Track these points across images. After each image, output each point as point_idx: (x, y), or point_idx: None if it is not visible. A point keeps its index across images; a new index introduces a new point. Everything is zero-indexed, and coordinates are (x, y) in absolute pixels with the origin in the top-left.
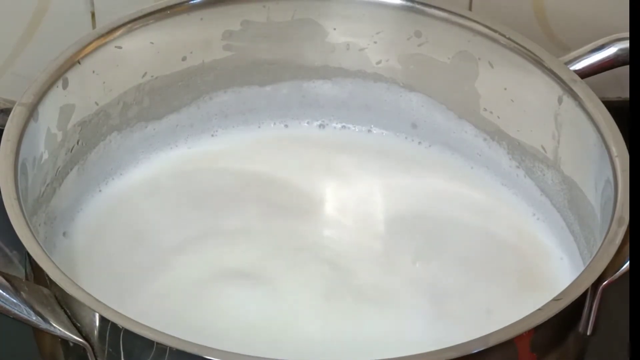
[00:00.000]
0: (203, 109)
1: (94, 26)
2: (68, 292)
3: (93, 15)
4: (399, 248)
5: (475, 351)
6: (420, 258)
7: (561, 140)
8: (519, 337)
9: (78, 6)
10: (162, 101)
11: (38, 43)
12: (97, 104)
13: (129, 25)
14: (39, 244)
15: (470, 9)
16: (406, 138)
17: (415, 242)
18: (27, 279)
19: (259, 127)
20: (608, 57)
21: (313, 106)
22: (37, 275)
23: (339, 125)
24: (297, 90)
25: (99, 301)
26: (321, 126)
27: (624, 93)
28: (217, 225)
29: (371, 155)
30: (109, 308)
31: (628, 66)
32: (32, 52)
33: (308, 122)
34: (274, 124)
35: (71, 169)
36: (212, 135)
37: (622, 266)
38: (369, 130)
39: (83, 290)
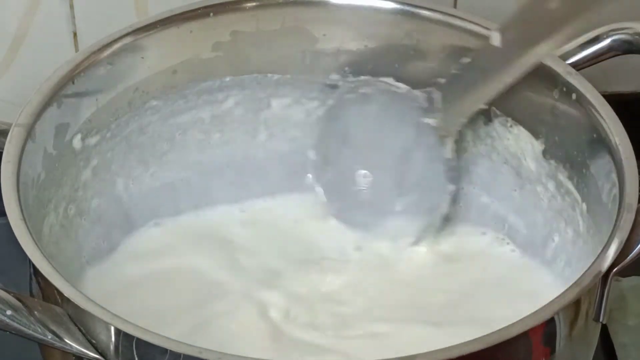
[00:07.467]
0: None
1: (76, 46)
2: (83, 308)
3: (75, 35)
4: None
5: (493, 344)
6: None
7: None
8: (533, 329)
9: (60, 26)
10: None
11: (21, 65)
12: (90, 121)
13: (120, 41)
14: (49, 262)
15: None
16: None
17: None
18: None
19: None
20: (601, 48)
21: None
22: (46, 295)
23: None
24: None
25: (114, 314)
26: None
27: (610, 87)
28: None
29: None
30: (126, 321)
31: (619, 58)
32: (15, 75)
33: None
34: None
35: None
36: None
37: (631, 252)
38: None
39: (97, 304)
